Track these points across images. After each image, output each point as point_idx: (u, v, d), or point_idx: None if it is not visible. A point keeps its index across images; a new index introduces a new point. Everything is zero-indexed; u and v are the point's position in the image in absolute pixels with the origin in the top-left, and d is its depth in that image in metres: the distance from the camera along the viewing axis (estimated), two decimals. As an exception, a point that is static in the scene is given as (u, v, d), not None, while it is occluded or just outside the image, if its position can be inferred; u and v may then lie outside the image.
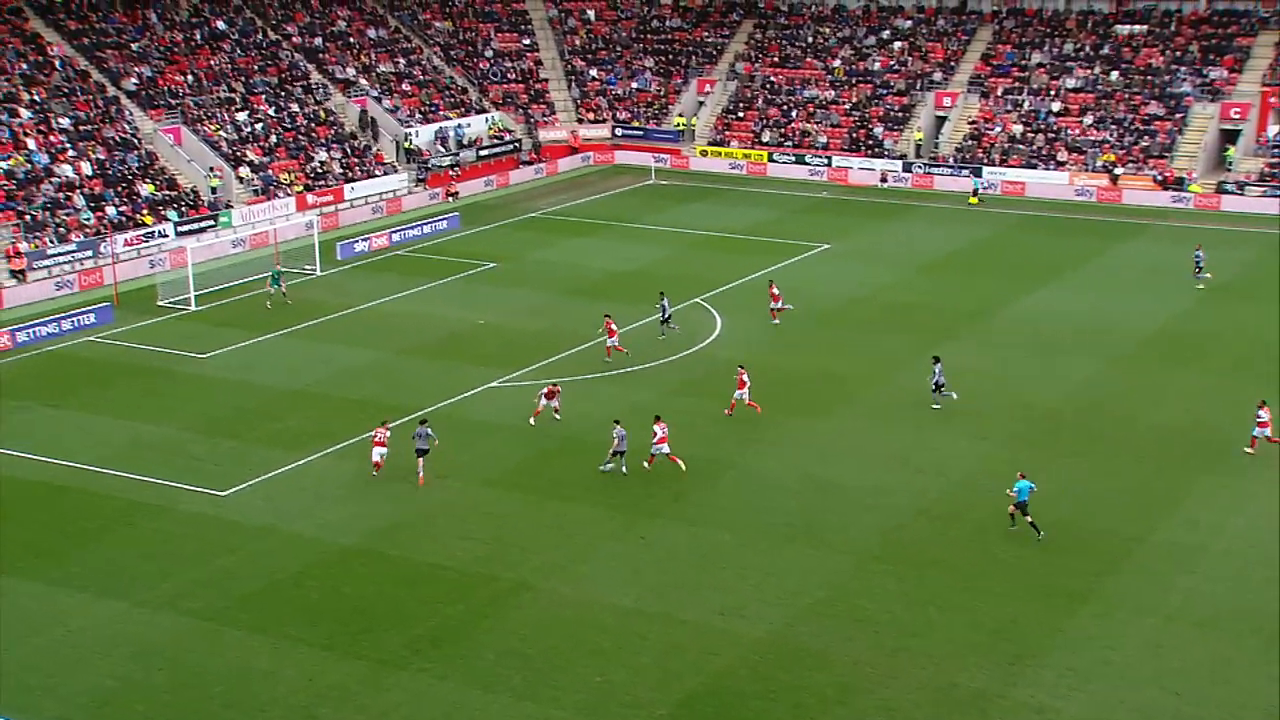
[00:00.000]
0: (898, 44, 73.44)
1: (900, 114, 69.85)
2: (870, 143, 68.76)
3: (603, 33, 79.53)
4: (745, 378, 34.54)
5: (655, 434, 30.89)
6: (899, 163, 66.96)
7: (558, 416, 34.20)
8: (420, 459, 30.73)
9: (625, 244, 54.32)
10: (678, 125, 73.24)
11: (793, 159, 69.00)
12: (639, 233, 56.41)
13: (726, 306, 44.70)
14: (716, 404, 35.72)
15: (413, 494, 30.27)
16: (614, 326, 39.23)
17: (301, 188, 58.78)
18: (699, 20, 79.89)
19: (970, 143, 67.05)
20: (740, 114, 72.92)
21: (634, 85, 76.53)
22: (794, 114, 71.71)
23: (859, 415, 34.92)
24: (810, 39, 75.66)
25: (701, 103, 74.49)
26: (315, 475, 31.34)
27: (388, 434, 31.23)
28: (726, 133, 72.06)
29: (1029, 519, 27.85)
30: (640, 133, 73.67)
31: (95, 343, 41.80)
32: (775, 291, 42.79)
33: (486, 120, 70.70)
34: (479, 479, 31.11)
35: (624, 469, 31.03)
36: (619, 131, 74.00)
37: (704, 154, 71.36)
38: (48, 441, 33.30)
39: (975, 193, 63.62)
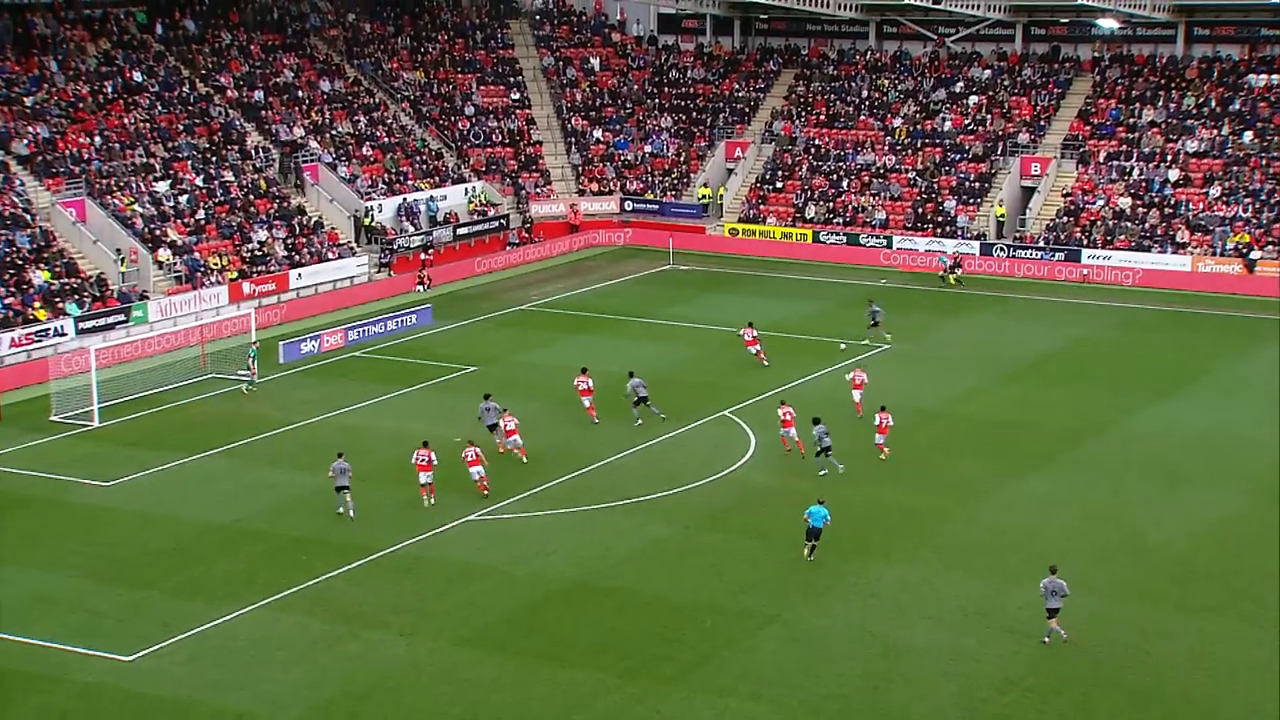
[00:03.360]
0: (973, 98, 74.94)
1: (977, 184, 70.92)
2: (940, 220, 69.71)
3: (609, 85, 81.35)
4: (789, 414, 40.74)
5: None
6: (975, 244, 67.81)
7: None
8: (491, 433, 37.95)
9: (637, 343, 54.83)
10: (701, 198, 74.45)
11: (843, 239, 69.91)
12: (654, 330, 56.98)
13: (763, 421, 44.95)
14: (751, 541, 35.83)
15: (374, 653, 30.25)
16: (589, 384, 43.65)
17: (236, 274, 59.69)
18: (728, 70, 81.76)
19: (1065, 220, 67.99)
20: (779, 184, 74.13)
21: (648, 149, 78.03)
22: (845, 184, 72.87)
23: (930, 559, 34.91)
24: (865, 93, 77.26)
25: (731, 171, 75.82)
26: (248, 633, 31.34)
27: (431, 455, 37.75)
28: (761, 207, 73.18)
29: (814, 545, 34.06)
30: (655, 207, 74.85)
31: (-28, 467, 42.16)
32: (752, 335, 50.45)
33: (466, 192, 71.97)
34: (454, 636, 31.13)
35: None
36: (629, 206, 75.23)
37: (734, 233, 72.40)
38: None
39: (952, 269, 64.49)
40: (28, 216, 56.88)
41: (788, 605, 32.45)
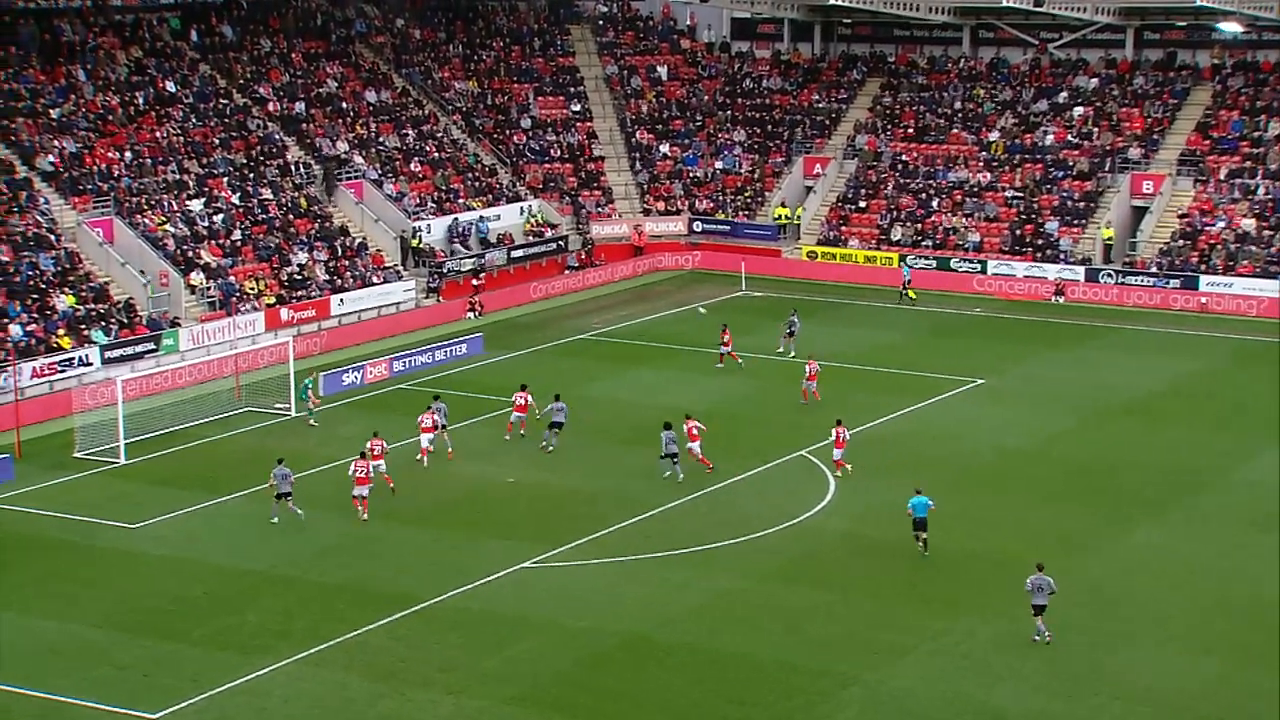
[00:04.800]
0: (1079, 109, 74.73)
1: (1082, 204, 70.64)
2: (1040, 243, 69.49)
3: (678, 96, 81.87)
4: (843, 434, 42.86)
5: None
6: (1080, 269, 67.52)
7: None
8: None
9: (703, 377, 55.00)
10: (777, 218, 74.68)
11: (933, 263, 69.84)
12: (725, 361, 57.16)
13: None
14: (829, 595, 35.86)
15: (418, 713, 30.51)
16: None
17: (273, 299, 60.56)
18: (807, 79, 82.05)
19: (1181, 243, 67.56)
20: (862, 204, 74.21)
21: (719, 166, 78.38)
22: (935, 204, 72.84)
23: (1024, 616, 34.73)
24: (958, 104, 77.26)
25: (809, 189, 76.01)
26: (282, 690, 31.68)
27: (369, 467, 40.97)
28: (842, 228, 73.28)
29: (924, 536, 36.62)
30: (726, 228, 75.15)
31: (-10, 506, 42.98)
32: (727, 337, 54.76)
33: (521, 211, 72.59)
34: (505, 695, 31.30)
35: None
36: (698, 226, 75.58)
37: (812, 256, 72.53)
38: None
39: (907, 285, 65.46)
40: (52, 237, 57.98)
41: (869, 665, 32.40)
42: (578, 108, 79.53)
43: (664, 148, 78.75)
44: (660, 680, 31.95)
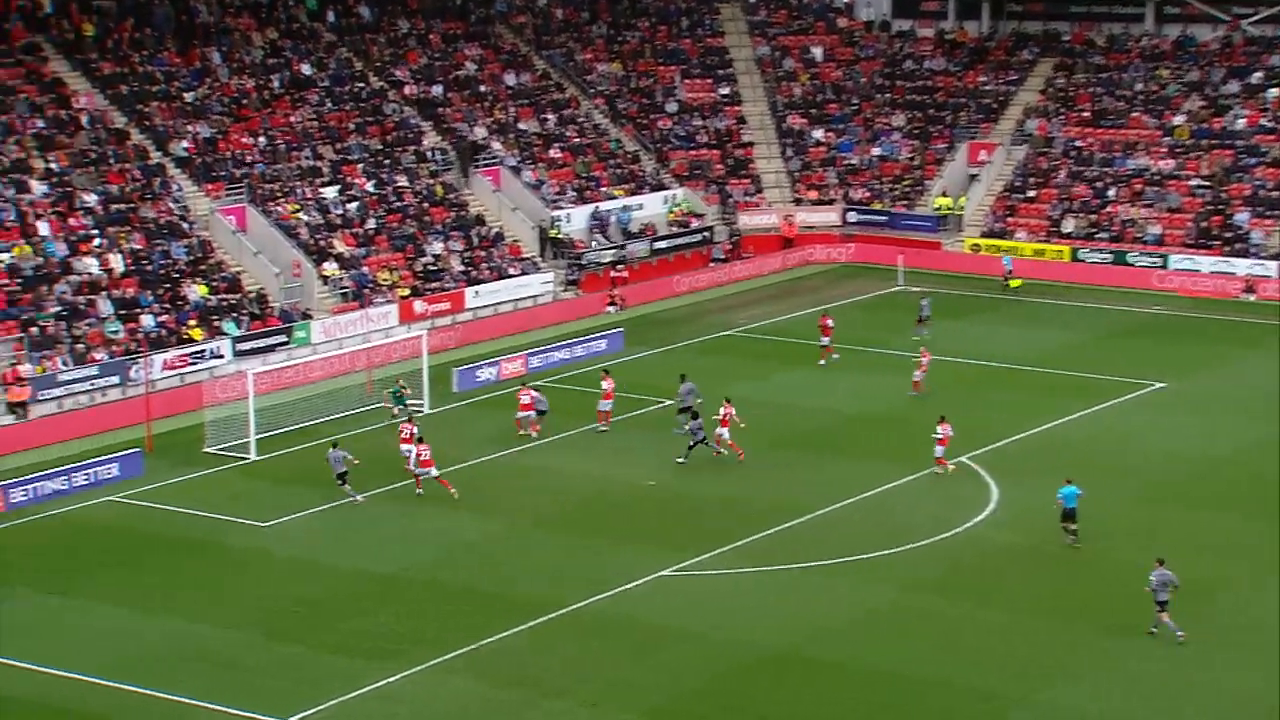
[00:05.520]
0: (1274, 91, 72.85)
1: (1276, 194, 68.90)
2: (1229, 235, 67.92)
3: (833, 78, 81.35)
4: (948, 431, 43.53)
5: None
6: (1273, 265, 65.91)
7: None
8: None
9: (858, 376, 54.64)
10: (939, 209, 73.86)
11: (1109, 257, 68.61)
12: (879, 361, 56.67)
13: (1007, 469, 44.40)
14: (992, 611, 35.44)
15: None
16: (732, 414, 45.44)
17: (408, 291, 61.34)
18: (973, 60, 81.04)
19: (1383, 236, 65.60)
20: (1031, 193, 73.11)
21: (876, 152, 77.73)
22: (1112, 193, 71.52)
23: (1209, 638, 33.94)
24: (1139, 85, 75.79)
25: (974, 177, 75.07)
26: (413, 698, 32.02)
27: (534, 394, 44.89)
28: (1010, 219, 72.27)
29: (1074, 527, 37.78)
30: (884, 218, 74.50)
31: (118, 503, 43.91)
32: (829, 324, 55.65)
33: (665, 200, 72.60)
34: (646, 708, 31.33)
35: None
36: (853, 217, 75.01)
37: (975, 249, 71.61)
38: (47, 644, 34.65)
39: (1009, 275, 65.99)
40: (185, 225, 59.32)
41: (1036, 686, 31.91)
42: (726, 91, 79.38)
43: (817, 133, 78.27)
44: (808, 698, 31.72)
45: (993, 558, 38.67)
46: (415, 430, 44.70)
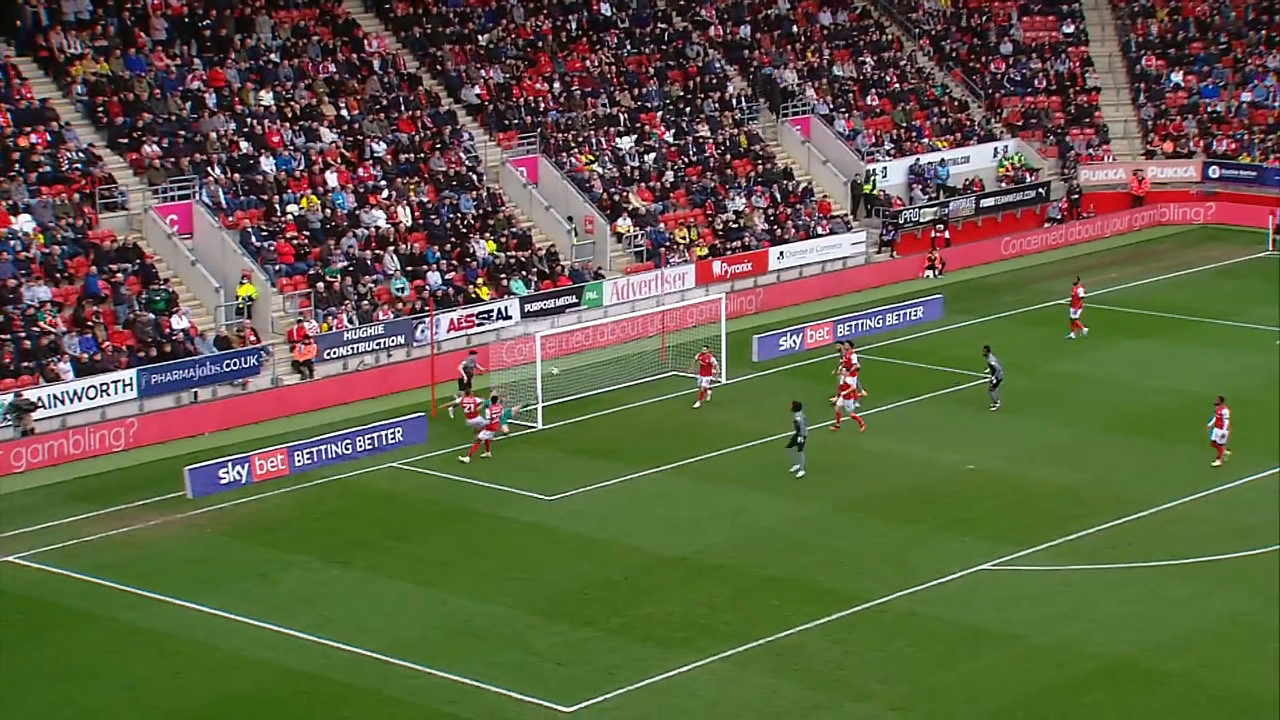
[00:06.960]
0: None
1: None
2: None
3: (1197, 14, 78.54)
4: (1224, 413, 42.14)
5: None
6: None
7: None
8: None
9: (1214, 352, 53.36)
10: (1318, 163, 70.85)
11: None
12: (1239, 335, 55.37)
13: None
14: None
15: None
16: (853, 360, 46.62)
17: (706, 250, 61.56)
18: (1362, -9, 77.22)
19: None
20: None
21: (1246, 98, 74.81)
22: None
23: None
24: None
25: (1365, 127, 71.69)
26: (706, 691, 32.15)
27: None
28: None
29: None
30: (1252, 174, 72.02)
31: (401, 470, 45.24)
32: (1080, 293, 54.91)
33: (995, 153, 71.42)
34: (959, 718, 31.00)
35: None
36: (1215, 172, 72.52)
37: (1357, 211, 68.42)
38: (331, 617, 35.83)
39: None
40: (474, 176, 60.60)
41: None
42: (1070, 29, 77.49)
43: (1176, 76, 75.77)
44: (1147, 714, 30.94)
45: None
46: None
